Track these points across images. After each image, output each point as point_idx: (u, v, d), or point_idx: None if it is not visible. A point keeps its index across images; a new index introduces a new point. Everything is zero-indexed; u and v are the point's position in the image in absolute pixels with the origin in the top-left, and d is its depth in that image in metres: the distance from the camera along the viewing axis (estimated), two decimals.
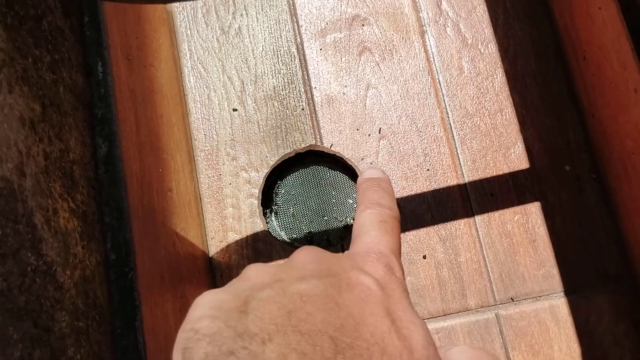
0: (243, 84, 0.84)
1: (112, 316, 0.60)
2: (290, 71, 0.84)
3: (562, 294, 0.75)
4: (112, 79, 0.68)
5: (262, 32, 0.86)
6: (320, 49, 0.85)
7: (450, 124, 0.81)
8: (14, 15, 0.51)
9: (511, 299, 0.75)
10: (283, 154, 0.82)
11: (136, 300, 0.62)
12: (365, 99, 0.82)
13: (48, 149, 0.53)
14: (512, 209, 0.78)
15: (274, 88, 0.84)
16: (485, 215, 0.78)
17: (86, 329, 0.54)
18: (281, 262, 0.78)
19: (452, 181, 0.79)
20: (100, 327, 0.57)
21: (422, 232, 0.78)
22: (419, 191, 0.79)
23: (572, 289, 0.75)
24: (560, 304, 0.75)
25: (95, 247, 0.60)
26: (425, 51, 0.83)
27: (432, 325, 0.75)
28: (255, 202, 0.81)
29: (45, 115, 0.53)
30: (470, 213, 0.78)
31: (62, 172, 0.55)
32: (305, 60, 0.85)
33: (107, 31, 0.70)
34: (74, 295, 0.53)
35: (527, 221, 0.77)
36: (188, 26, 0.87)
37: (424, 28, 0.84)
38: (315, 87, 0.84)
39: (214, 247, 0.80)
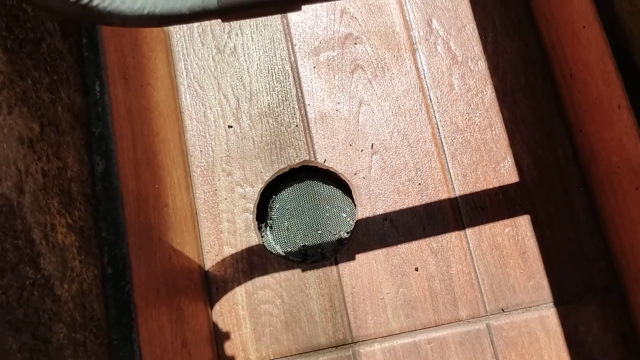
0: (238, 101, 0.86)
1: (109, 328, 0.62)
2: (285, 89, 0.86)
3: (551, 304, 0.76)
4: (109, 98, 0.70)
5: (257, 50, 0.88)
6: (314, 67, 0.87)
7: (441, 139, 0.83)
8: (13, 38, 0.53)
9: (502, 309, 0.77)
10: (278, 170, 0.84)
11: (132, 313, 0.64)
12: (358, 116, 0.84)
13: (46, 167, 0.55)
14: (502, 222, 0.79)
15: (269, 105, 0.86)
16: (476, 228, 0.79)
17: (84, 340, 0.56)
18: (276, 275, 0.80)
19: (444, 195, 0.81)
20: (98, 338, 0.59)
21: (414, 244, 0.79)
22: (410, 205, 0.81)
23: (562, 300, 0.76)
24: (549, 314, 0.76)
25: (93, 261, 0.61)
26: (417, 68, 0.85)
27: (424, 336, 0.76)
28: (251, 217, 0.82)
29: (43, 135, 0.55)
30: (461, 226, 0.80)
31: (60, 189, 0.57)
32: (299, 78, 0.87)
33: (104, 52, 0.72)
34: (71, 308, 0.54)
35: (517, 234, 0.79)
36: (184, 45, 0.89)
37: (415, 46, 0.86)
38: (309, 104, 0.86)
39: (209, 261, 0.82)
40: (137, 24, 0.53)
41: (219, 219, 0.83)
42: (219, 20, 0.54)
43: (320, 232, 0.83)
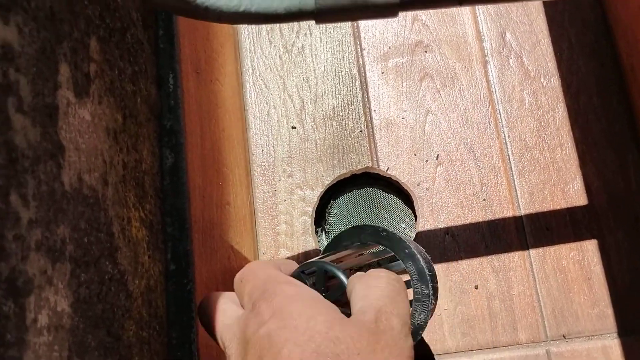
0: (303, 102, 0.85)
1: (169, 327, 0.61)
2: (351, 93, 0.85)
3: (615, 334, 0.74)
4: (182, 91, 0.70)
5: (325, 52, 0.87)
6: (382, 73, 0.85)
7: (509, 155, 0.81)
8: (105, 27, 0.52)
9: (563, 336, 0.75)
10: (339, 174, 0.82)
11: (193, 312, 0.63)
12: (424, 125, 0.83)
13: (126, 159, 0.54)
14: (567, 245, 0.77)
15: (334, 108, 0.85)
16: (540, 249, 0.77)
17: (148, 338, 0.55)
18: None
19: (508, 212, 0.79)
20: (160, 337, 0.58)
21: (475, 261, 0.78)
22: (474, 220, 0.79)
23: (627, 330, 0.74)
24: (613, 345, 0.74)
25: (159, 256, 0.61)
26: (487, 81, 0.83)
27: (480, 357, 0.74)
28: (309, 220, 0.81)
29: (125, 126, 0.55)
30: (525, 246, 0.78)
31: (136, 182, 0.56)
32: (366, 83, 0.85)
33: (179, 45, 0.71)
34: (140, 304, 0.54)
35: (583, 258, 0.76)
36: (252, 42, 0.88)
37: (487, 58, 0.84)
38: (374, 110, 0.84)
39: None
40: (232, 21, 0.52)
41: (276, 221, 0.82)
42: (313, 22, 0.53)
43: None
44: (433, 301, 0.57)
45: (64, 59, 0.43)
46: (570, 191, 0.79)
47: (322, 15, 0.51)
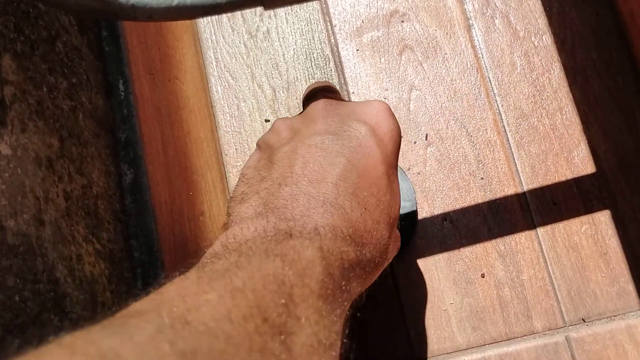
0: (275, 91, 0.78)
1: None
2: (326, 75, 0.78)
3: (639, 312, 0.68)
4: (135, 97, 0.62)
5: (293, 34, 0.79)
6: (357, 50, 0.78)
7: (504, 127, 0.73)
8: (24, 40, 0.45)
9: (582, 319, 0.68)
10: None
11: None
12: (409, 103, 0.75)
13: (68, 188, 0.47)
14: (578, 219, 0.70)
15: None
16: (548, 227, 0.70)
17: None
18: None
19: (510, 190, 0.72)
20: None
21: (479, 247, 0.71)
22: (473, 202, 0.72)
23: None
24: (638, 323, 0.67)
25: (125, 288, 0.54)
26: (473, 47, 0.76)
27: (494, 351, 0.68)
28: None
29: (64, 150, 0.48)
30: (531, 225, 0.71)
31: (85, 210, 0.49)
32: (341, 63, 0.78)
33: (127, 45, 0.64)
34: None
35: (596, 232, 0.70)
36: (213, 32, 0.80)
37: (470, 21, 0.77)
38: (353, 92, 0.77)
39: None
40: (166, 18, 0.44)
41: None
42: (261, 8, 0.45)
43: None
44: None
45: None
46: (575, 159, 0.72)
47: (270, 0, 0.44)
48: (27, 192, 0.41)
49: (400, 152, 0.70)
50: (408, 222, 0.71)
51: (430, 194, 0.73)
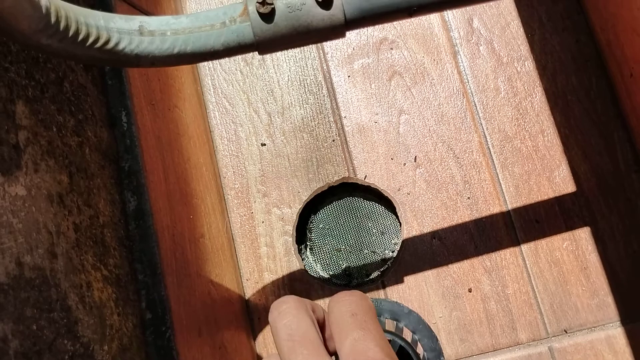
0: (270, 116, 0.82)
1: None
2: (319, 101, 0.81)
3: (618, 323, 0.71)
4: (137, 128, 0.66)
5: (287, 61, 0.83)
6: (348, 76, 0.82)
7: (489, 149, 0.77)
8: (34, 85, 0.49)
9: (564, 330, 0.72)
10: (316, 189, 0.79)
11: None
12: (399, 126, 0.79)
13: (77, 220, 0.51)
14: (560, 236, 0.74)
15: (303, 119, 0.81)
16: (531, 244, 0.74)
17: None
18: (321, 302, 0.76)
19: (495, 209, 0.75)
20: None
21: (466, 263, 0.75)
22: (460, 221, 0.76)
23: (629, 317, 0.71)
24: (617, 334, 0.71)
25: (131, 310, 0.58)
26: (459, 72, 0.80)
27: None
28: (290, 240, 0.78)
29: (72, 185, 0.51)
30: (515, 242, 0.74)
31: (93, 240, 0.53)
32: (333, 89, 0.82)
33: (129, 78, 0.67)
34: None
35: (577, 248, 0.73)
36: None
37: (456, 48, 0.81)
38: (345, 117, 0.80)
39: (249, 289, 0.78)
40: (167, 64, 0.48)
41: (256, 244, 0.79)
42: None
43: (365, 251, 0.78)
44: None
45: None
46: (556, 179, 0.75)
47: (264, 47, 0.48)
48: (41, 228, 0.44)
49: (391, 174, 0.74)
50: None
51: (419, 213, 0.77)
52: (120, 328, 0.54)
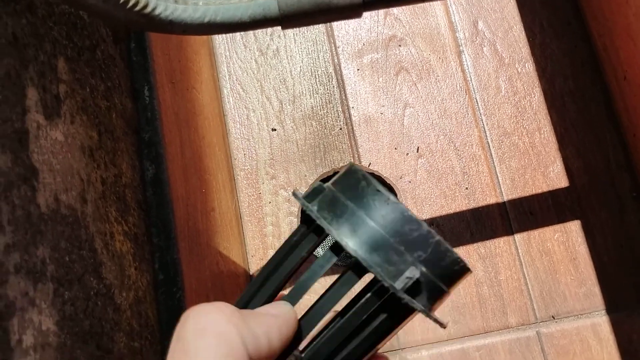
0: (281, 104, 0.86)
1: (162, 336, 0.62)
2: (328, 91, 0.86)
3: (603, 312, 0.75)
4: (158, 102, 0.70)
5: (300, 53, 0.88)
6: (358, 70, 0.86)
7: (488, 143, 0.81)
8: (73, 47, 0.53)
9: (552, 316, 0.76)
10: (322, 173, 0.83)
11: None
12: (403, 118, 0.83)
13: (104, 175, 0.55)
14: (552, 228, 0.78)
15: (312, 108, 0.85)
16: (524, 234, 0.78)
17: (140, 348, 0.56)
18: (322, 280, 0.79)
19: (491, 199, 0.80)
20: (153, 346, 0.59)
21: (462, 250, 0.78)
22: (457, 209, 0.80)
23: (614, 307, 0.75)
24: (602, 322, 0.75)
25: (146, 267, 0.61)
26: (462, 71, 0.84)
27: (472, 343, 0.75)
28: (295, 220, 0.82)
29: (101, 142, 0.55)
30: (509, 231, 0.78)
31: (116, 196, 0.57)
32: (342, 81, 0.86)
33: (152, 56, 0.72)
34: (129, 316, 0.54)
35: (568, 239, 0.77)
36: (227, 48, 0.89)
37: (461, 48, 0.85)
38: (352, 107, 0.85)
39: (254, 265, 0.81)
40: (198, 32, 0.52)
41: (263, 223, 0.82)
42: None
43: None
44: None
45: (31, 83, 0.43)
46: (551, 174, 0.79)
47: (287, 21, 0.52)
48: (75, 174, 0.48)
49: (394, 162, 0.78)
50: None
51: (419, 200, 0.81)
52: (136, 281, 0.58)
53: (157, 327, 0.61)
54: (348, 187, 0.33)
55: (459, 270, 0.32)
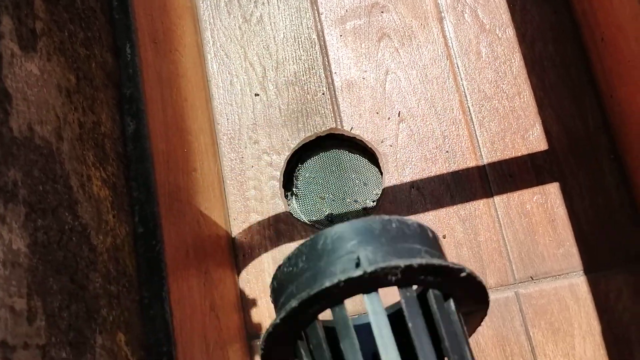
0: (265, 69, 0.86)
1: (140, 286, 0.62)
2: (311, 57, 0.86)
3: (581, 272, 0.76)
4: (140, 60, 0.70)
5: (283, 19, 0.88)
6: (340, 36, 0.87)
7: (469, 107, 0.82)
8: None
9: (531, 277, 0.76)
10: (304, 137, 0.83)
11: (163, 271, 0.64)
12: (385, 84, 0.84)
13: (82, 119, 0.55)
14: (530, 190, 0.79)
15: (295, 74, 0.86)
16: (504, 196, 0.79)
17: (117, 293, 0.56)
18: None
19: (471, 163, 0.80)
20: (130, 294, 0.59)
21: (442, 212, 0.79)
22: (438, 172, 0.80)
23: (591, 267, 0.76)
24: (579, 282, 0.75)
25: (125, 218, 0.62)
26: (444, 37, 0.85)
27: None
28: (277, 184, 0.82)
29: (79, 87, 0.56)
30: (489, 194, 0.79)
31: (94, 142, 0.57)
32: (325, 47, 0.86)
33: (134, 15, 0.72)
34: (106, 259, 0.55)
35: (546, 201, 0.78)
36: (211, 14, 0.89)
37: (442, 14, 0.86)
38: (335, 72, 0.85)
39: (236, 228, 0.82)
40: None
41: (245, 187, 0.83)
42: None
43: (347, 200, 0.83)
44: None
45: (5, 11, 0.43)
46: (530, 137, 0.80)
47: None
48: (50, 109, 0.48)
49: (376, 127, 0.79)
50: None
51: (400, 164, 0.81)
52: (114, 228, 0.58)
53: (135, 277, 0.61)
54: None
55: None
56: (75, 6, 0.59)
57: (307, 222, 0.83)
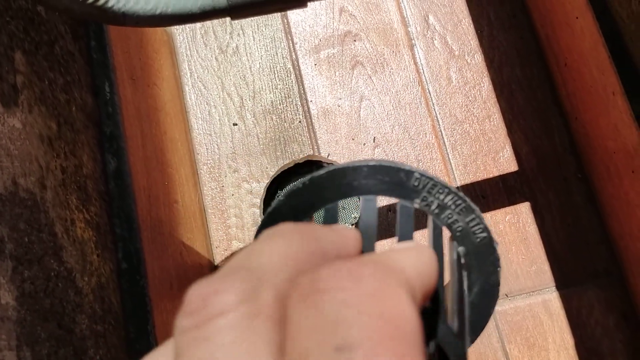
0: (242, 99, 0.88)
1: (126, 321, 0.63)
2: (287, 86, 0.88)
3: (553, 288, 0.79)
4: (119, 98, 0.72)
5: (259, 50, 0.90)
6: (315, 64, 0.89)
7: (441, 131, 0.85)
8: (30, 41, 0.55)
9: (505, 294, 0.79)
10: (282, 165, 0.86)
11: (148, 306, 0.66)
12: (360, 110, 0.86)
13: (64, 164, 0.57)
14: (503, 210, 0.81)
15: (272, 102, 0.88)
16: None
17: (103, 332, 0.57)
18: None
19: None
20: (116, 331, 0.61)
21: (418, 234, 0.82)
22: None
23: (563, 284, 0.79)
24: (552, 298, 0.78)
25: (109, 256, 0.63)
26: (415, 63, 0.88)
27: None
28: (258, 212, 0.84)
29: (60, 133, 0.57)
30: None
31: (77, 185, 0.59)
32: (300, 76, 0.89)
33: (112, 54, 0.74)
34: (92, 300, 0.56)
35: (518, 221, 0.81)
36: (187, 47, 0.91)
37: (413, 41, 0.89)
38: (311, 101, 0.88)
39: (219, 256, 0.84)
40: (150, 24, 0.54)
41: (226, 215, 0.85)
42: (228, 19, 0.56)
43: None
44: None
45: None
46: (501, 159, 0.83)
47: (235, 11, 0.54)
48: (33, 160, 0.50)
49: (352, 152, 0.81)
50: None
51: None
52: (99, 267, 0.60)
53: (120, 313, 0.63)
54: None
55: None
56: (54, 53, 0.60)
57: None
